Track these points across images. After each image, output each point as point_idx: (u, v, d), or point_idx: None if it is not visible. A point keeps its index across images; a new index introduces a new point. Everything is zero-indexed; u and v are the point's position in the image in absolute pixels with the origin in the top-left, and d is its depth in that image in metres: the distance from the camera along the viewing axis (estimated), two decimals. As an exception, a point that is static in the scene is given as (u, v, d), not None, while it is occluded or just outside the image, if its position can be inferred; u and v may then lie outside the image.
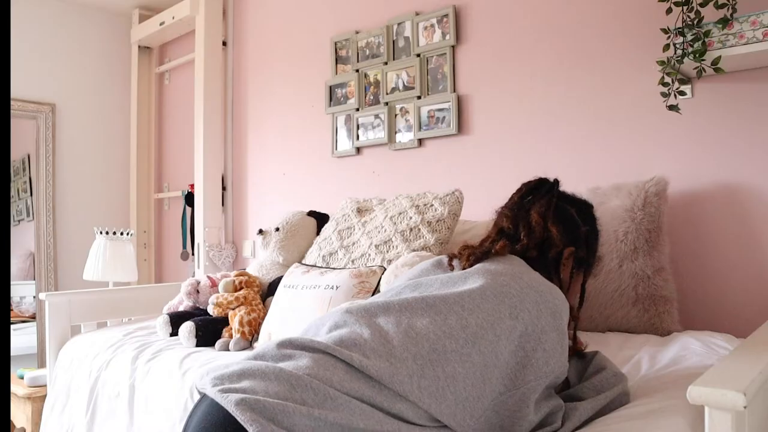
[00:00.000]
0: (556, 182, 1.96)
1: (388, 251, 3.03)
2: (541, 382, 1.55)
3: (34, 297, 5.57)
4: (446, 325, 1.52)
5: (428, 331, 1.51)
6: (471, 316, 1.55)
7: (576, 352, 1.92)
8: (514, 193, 1.98)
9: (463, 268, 1.80)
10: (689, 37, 2.56)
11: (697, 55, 2.51)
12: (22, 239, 5.61)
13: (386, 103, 4.12)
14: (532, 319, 1.58)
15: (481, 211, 3.32)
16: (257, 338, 2.96)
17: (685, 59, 2.55)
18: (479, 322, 1.54)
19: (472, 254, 1.83)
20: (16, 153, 5.67)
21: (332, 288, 2.73)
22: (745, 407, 1.26)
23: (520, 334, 1.56)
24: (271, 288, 3.29)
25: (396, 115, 4.07)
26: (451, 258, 1.88)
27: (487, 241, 1.91)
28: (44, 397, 3.89)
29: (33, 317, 5.50)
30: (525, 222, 1.87)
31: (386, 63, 4.14)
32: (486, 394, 1.49)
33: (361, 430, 1.34)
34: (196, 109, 5.29)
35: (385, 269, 2.82)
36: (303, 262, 3.42)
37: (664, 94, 2.60)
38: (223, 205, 5.32)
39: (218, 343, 2.95)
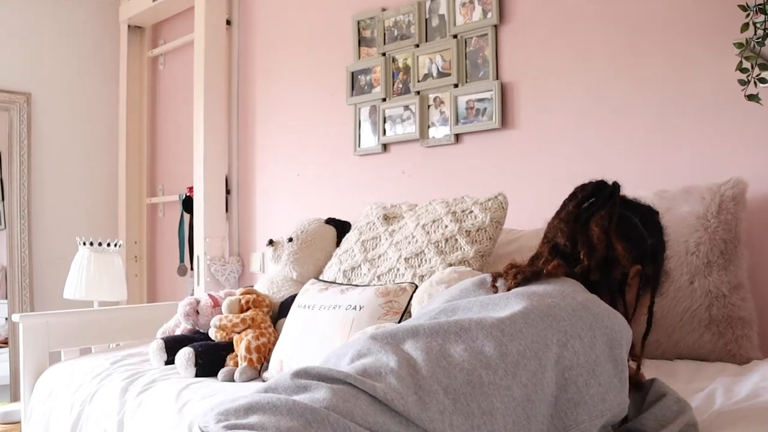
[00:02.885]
0: (617, 187, 1.96)
1: (419, 265, 3.03)
2: (596, 422, 1.53)
3: (6, 319, 5.57)
4: (483, 353, 1.52)
5: (462, 359, 1.50)
6: (512, 343, 1.53)
7: (634, 384, 1.87)
8: (567, 200, 1.98)
9: (508, 290, 1.81)
10: (773, 14, 2.52)
11: (781, 36, 2.47)
12: (-8, 251, 5.59)
13: (417, 93, 4.14)
14: (585, 347, 1.57)
15: (528, 218, 3.34)
16: (267, 367, 2.95)
17: (767, 41, 2.52)
18: (521, 350, 1.53)
19: (520, 273, 1.83)
20: (-15, 150, 5.67)
21: (355, 308, 2.73)
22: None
23: (571, 365, 1.54)
24: (284, 308, 3.29)
25: (429, 107, 4.09)
26: (495, 277, 1.89)
27: (539, 259, 1.91)
28: (19, 434, 3.88)
29: (5, 342, 5.51)
30: (585, 238, 1.87)
31: (417, 45, 4.16)
32: None
33: None
34: (195, 100, 5.29)
35: (416, 287, 2.81)
36: (320, 278, 3.43)
37: (742, 82, 2.56)
38: (227, 211, 5.35)
39: (221, 373, 2.95)
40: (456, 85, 3.95)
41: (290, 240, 3.69)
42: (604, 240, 1.84)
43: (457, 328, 1.59)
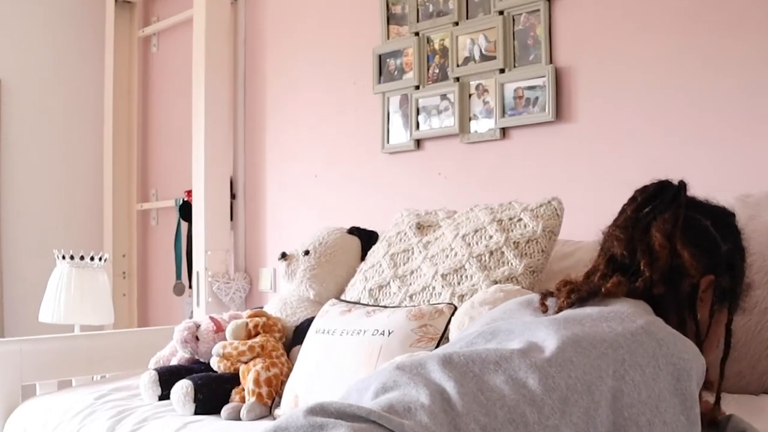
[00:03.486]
0: (683, 186, 1.95)
1: (459, 283, 3.04)
2: None
3: (-29, 346, 5.61)
4: (526, 386, 1.50)
5: (503, 394, 1.49)
6: (560, 375, 1.52)
7: (709, 421, 1.87)
8: (625, 205, 1.99)
9: (559, 311, 1.81)
10: None
11: None
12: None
13: (457, 79, 4.15)
14: (647, 379, 1.54)
15: (588, 227, 3.14)
16: (279, 402, 2.94)
17: None
18: (571, 383, 1.51)
19: (574, 292, 1.83)
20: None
21: (382, 334, 2.72)
22: None
23: (630, 402, 1.52)
24: (299, 334, 3.30)
25: (470, 96, 4.11)
26: (544, 296, 1.89)
27: (595, 274, 1.91)
28: (-12, 481, 3.89)
29: (-29, 373, 5.55)
30: (645, 246, 1.85)
31: (457, 24, 4.17)
32: None
33: None
34: (194, 88, 5.31)
35: (455, 308, 2.79)
36: (342, 297, 3.43)
37: None
38: (232, 219, 5.39)
39: (226, 410, 2.94)
40: (502, 71, 3.96)
41: (306, 253, 3.71)
42: (667, 247, 1.83)
43: (496, 357, 1.58)
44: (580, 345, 1.57)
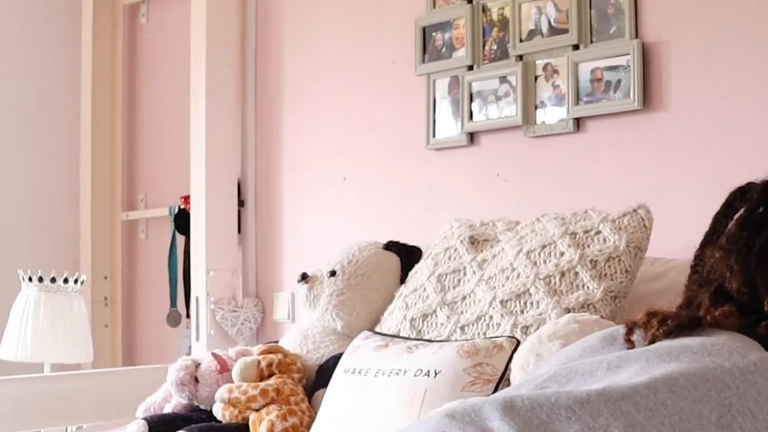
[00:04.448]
0: None
1: (523, 311, 3.06)
2: None
3: None
4: None
5: None
6: (651, 422, 1.47)
7: None
8: (720, 215, 1.99)
9: (650, 343, 1.76)
10: None
11: None
12: None
13: (520, 58, 4.16)
14: (760, 428, 1.48)
15: (682, 242, 3.00)
16: None
17: None
18: None
19: (671, 319, 1.80)
20: None
21: (427, 374, 2.73)
22: None
23: None
24: (323, 374, 3.32)
25: (537, 78, 4.12)
26: (630, 328, 1.85)
27: (696, 304, 1.88)
28: None
29: None
30: (765, 272, 1.81)
31: (519, -12, 4.18)
32: None
33: None
34: (193, 68, 5.36)
35: (518, 342, 2.81)
36: (376, 329, 3.46)
37: None
38: (240, 231, 5.44)
39: None
40: (576, 47, 3.97)
41: (333, 274, 3.73)
42: None
43: (569, 400, 1.52)
44: (676, 384, 1.52)
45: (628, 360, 1.66)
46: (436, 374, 2.72)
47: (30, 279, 4.87)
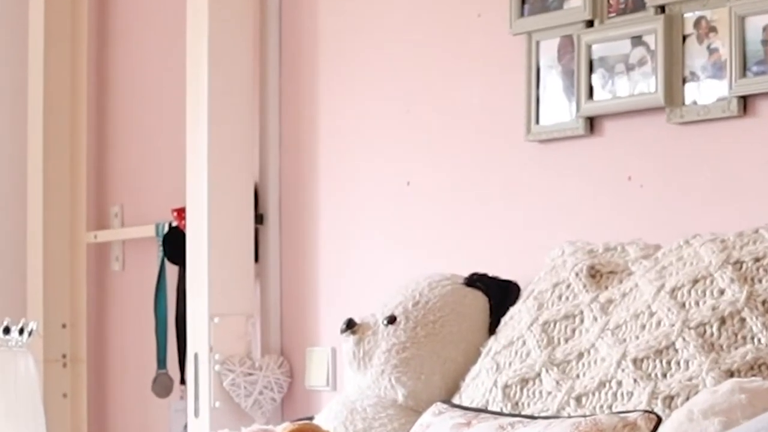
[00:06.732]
0: None
1: (666, 374, 2.83)
2: None
3: None
4: None
5: None
6: None
7: None
8: None
9: None
10: None
11: None
12: None
13: (661, 9, 3.64)
14: None
15: None
16: None
17: None
18: None
19: None
20: None
21: None
22: None
23: None
24: None
25: (685, 39, 3.61)
26: None
27: None
28: None
29: None
30: None
31: None
32: None
33: None
34: (189, 32, 5.02)
35: (659, 420, 2.55)
36: (454, 400, 3.29)
37: None
38: (257, 260, 5.04)
39: None
40: (743, -8, 3.48)
41: (392, 321, 3.52)
42: None
43: None
44: None
45: None
46: (542, 469, 2.57)
47: (-41, 328, 4.54)
